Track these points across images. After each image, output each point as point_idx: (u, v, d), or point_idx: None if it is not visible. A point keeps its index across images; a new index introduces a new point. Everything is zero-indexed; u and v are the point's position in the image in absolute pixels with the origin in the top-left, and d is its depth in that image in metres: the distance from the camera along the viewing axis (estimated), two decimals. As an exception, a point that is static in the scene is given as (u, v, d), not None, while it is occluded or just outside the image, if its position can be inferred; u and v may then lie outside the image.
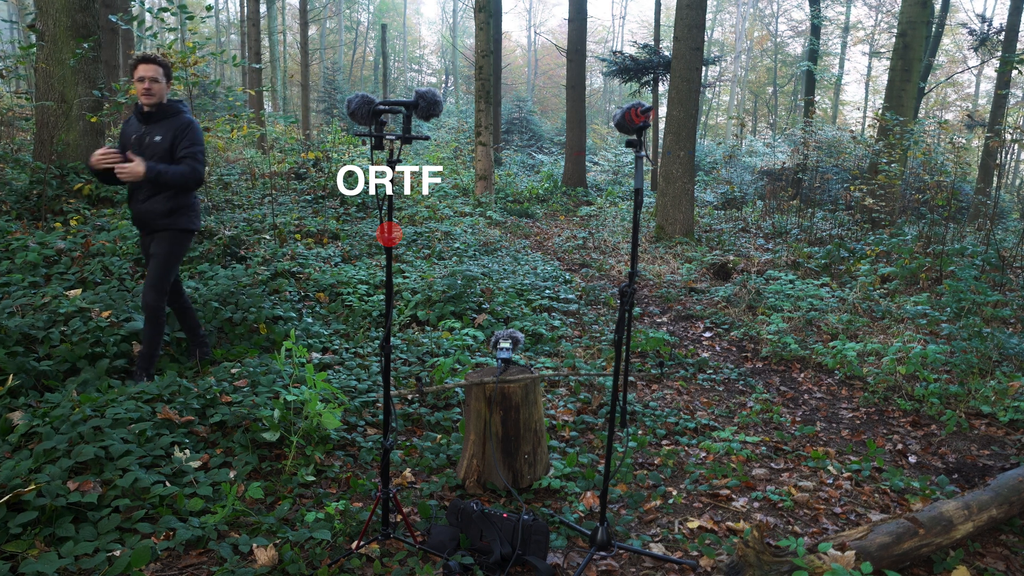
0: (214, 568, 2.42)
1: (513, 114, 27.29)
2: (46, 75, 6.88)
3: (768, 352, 5.42)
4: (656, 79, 16.79)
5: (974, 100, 35.97)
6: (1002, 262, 7.49)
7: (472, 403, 3.05)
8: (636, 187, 2.33)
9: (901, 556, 2.50)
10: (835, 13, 34.33)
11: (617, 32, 49.70)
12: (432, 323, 5.51)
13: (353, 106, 2.33)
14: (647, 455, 3.59)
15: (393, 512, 2.75)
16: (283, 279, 5.70)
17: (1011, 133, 12.74)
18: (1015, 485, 2.90)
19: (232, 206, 8.28)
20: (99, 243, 5.78)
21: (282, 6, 37.18)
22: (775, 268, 7.91)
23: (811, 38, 22.73)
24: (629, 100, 18.14)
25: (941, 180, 9.95)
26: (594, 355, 5.13)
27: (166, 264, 3.79)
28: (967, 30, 18.46)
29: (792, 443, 3.85)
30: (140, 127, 3.77)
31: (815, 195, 13.01)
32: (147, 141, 3.73)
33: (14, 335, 3.79)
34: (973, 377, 4.69)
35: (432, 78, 52.14)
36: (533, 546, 2.53)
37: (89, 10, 6.90)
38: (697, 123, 10.78)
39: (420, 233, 8.37)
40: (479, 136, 11.98)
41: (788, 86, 38.92)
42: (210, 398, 3.47)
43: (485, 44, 11.58)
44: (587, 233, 10.52)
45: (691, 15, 9.55)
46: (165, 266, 3.78)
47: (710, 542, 2.76)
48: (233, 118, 9.58)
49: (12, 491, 2.49)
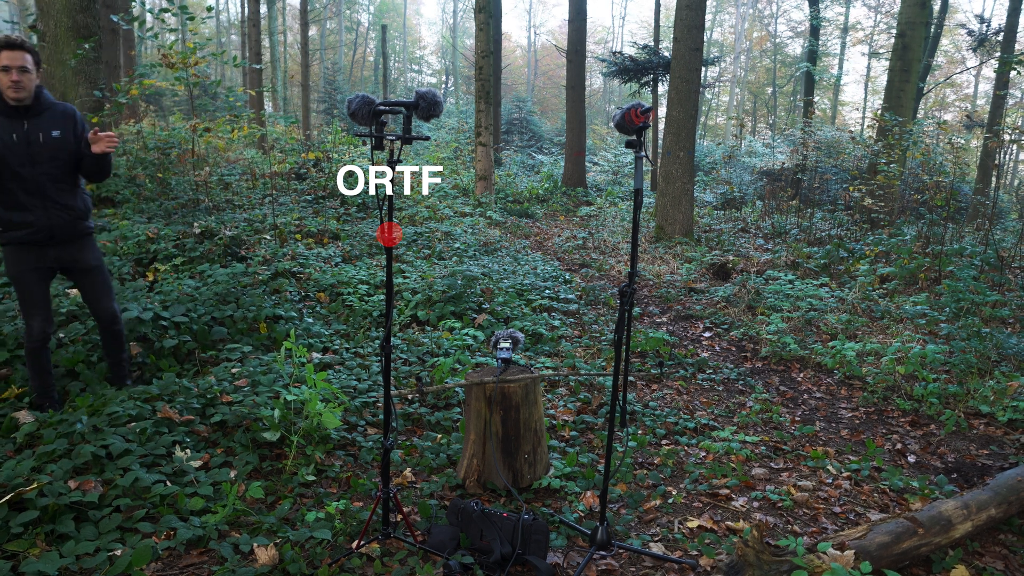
0: (215, 567, 2.43)
1: (513, 114, 27.29)
2: (47, 76, 6.89)
3: (767, 352, 5.42)
4: (656, 79, 16.81)
5: (973, 101, 36.00)
6: (1001, 262, 7.50)
7: (472, 403, 3.05)
8: (636, 187, 2.33)
9: (900, 555, 2.50)
10: (834, 14, 34.37)
11: (617, 32, 49.75)
12: (432, 323, 5.52)
13: (353, 106, 2.33)
14: (647, 455, 3.60)
15: (393, 512, 2.76)
16: (283, 279, 5.71)
17: (1009, 133, 12.75)
18: (1014, 485, 2.90)
19: (233, 206, 8.28)
20: (100, 243, 5.79)
21: (282, 7, 37.19)
22: (774, 268, 7.92)
23: (810, 39, 22.75)
24: (629, 100, 18.14)
25: (940, 180, 9.96)
26: (594, 355, 5.14)
27: (106, 269, 3.46)
28: (966, 31, 18.49)
29: (791, 443, 3.86)
30: (17, 125, 3.11)
31: (814, 195, 13.02)
32: (41, 139, 3.14)
33: (12, 338, 3.79)
34: (972, 377, 4.70)
35: (432, 78, 52.15)
36: (533, 546, 2.53)
37: (90, 11, 6.91)
38: (697, 123, 10.79)
39: (420, 233, 8.38)
40: (479, 136, 11.98)
41: (787, 86, 38.94)
42: (210, 398, 3.48)
43: (485, 45, 11.59)
44: (587, 233, 10.52)
45: (690, 16, 9.56)
46: (107, 271, 3.48)
47: (710, 542, 2.77)
48: (234, 118, 9.59)
49: (14, 490, 2.50)
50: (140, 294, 4.57)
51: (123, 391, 3.42)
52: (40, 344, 3.30)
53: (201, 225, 6.44)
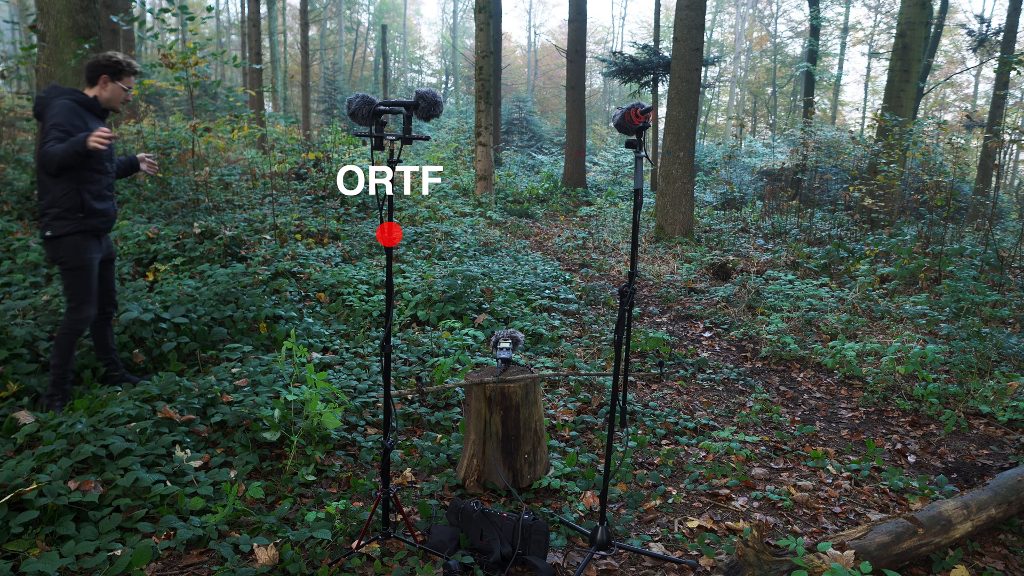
0: (215, 567, 2.43)
1: (513, 114, 27.29)
2: (47, 76, 6.89)
3: (767, 352, 5.42)
4: (656, 79, 16.81)
5: (973, 101, 36.00)
6: (1001, 262, 7.50)
7: (472, 403, 3.05)
8: (636, 187, 2.33)
9: (900, 555, 2.50)
10: (834, 14, 34.38)
11: (617, 32, 49.75)
12: (432, 323, 5.52)
13: (354, 106, 2.33)
14: (647, 455, 3.60)
15: (393, 512, 2.76)
16: (284, 279, 5.71)
17: (1009, 133, 12.75)
18: (1014, 485, 2.90)
19: (233, 206, 8.29)
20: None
21: (282, 7, 37.19)
22: (774, 268, 7.92)
23: (810, 39, 22.75)
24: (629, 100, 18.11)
25: (940, 180, 9.96)
26: (594, 355, 5.14)
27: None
28: (966, 31, 18.49)
29: (791, 443, 3.86)
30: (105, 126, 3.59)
31: (814, 195, 13.02)
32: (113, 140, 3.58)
33: (18, 340, 3.79)
34: (972, 377, 4.70)
35: (432, 78, 52.16)
36: (533, 546, 2.53)
37: (90, 11, 6.91)
38: (697, 123, 10.79)
39: (420, 233, 8.38)
40: (479, 136, 11.99)
41: (787, 86, 38.94)
42: (211, 398, 3.48)
43: (485, 45, 11.59)
44: (587, 233, 10.52)
45: (690, 16, 9.57)
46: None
47: (710, 541, 2.77)
48: (234, 118, 9.59)
49: (14, 490, 2.50)
50: (140, 294, 4.57)
51: (124, 390, 3.43)
52: (93, 324, 3.73)
53: (201, 225, 6.44)
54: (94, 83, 3.53)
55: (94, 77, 3.52)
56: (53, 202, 3.40)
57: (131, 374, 3.92)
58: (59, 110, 3.34)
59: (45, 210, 3.43)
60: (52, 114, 3.34)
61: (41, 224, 3.46)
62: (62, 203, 3.40)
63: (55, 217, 3.41)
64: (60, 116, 3.32)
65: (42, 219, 3.45)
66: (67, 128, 3.31)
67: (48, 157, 3.25)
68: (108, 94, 3.53)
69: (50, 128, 3.30)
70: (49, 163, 3.26)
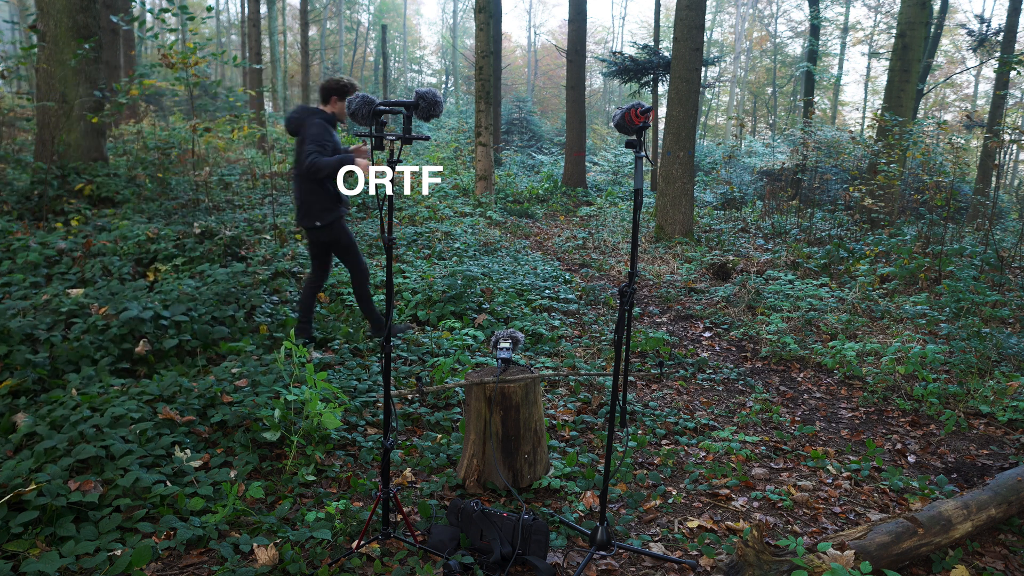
0: (215, 567, 2.43)
1: (513, 114, 27.28)
2: (47, 76, 6.89)
3: (767, 352, 5.42)
4: (656, 79, 16.80)
5: (973, 101, 36.00)
6: (1001, 262, 7.50)
7: (472, 403, 3.05)
8: (636, 187, 2.33)
9: (900, 555, 2.50)
10: (834, 14, 34.38)
11: (617, 33, 49.76)
12: (432, 323, 5.52)
13: (353, 106, 2.33)
14: (647, 455, 3.60)
15: (393, 512, 2.76)
16: (283, 279, 5.71)
17: (1009, 134, 12.74)
18: (1014, 485, 2.90)
19: (233, 206, 8.29)
20: (100, 243, 5.79)
21: (282, 7, 37.18)
22: (774, 268, 7.92)
23: (810, 39, 22.75)
24: (629, 100, 18.11)
25: (940, 180, 9.96)
26: (594, 355, 5.14)
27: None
28: (966, 31, 18.49)
29: (791, 443, 3.86)
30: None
31: (814, 195, 13.01)
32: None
33: (17, 336, 3.80)
34: (972, 377, 4.70)
35: (432, 78, 52.15)
36: (533, 546, 2.53)
37: (90, 11, 6.91)
38: (697, 123, 10.79)
39: (420, 233, 8.38)
40: (479, 136, 11.98)
41: (787, 86, 38.94)
42: (211, 398, 3.48)
43: (485, 45, 11.58)
44: (587, 233, 10.52)
45: (690, 16, 9.56)
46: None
47: (710, 541, 2.77)
48: (234, 118, 9.60)
49: (13, 491, 2.50)
50: (140, 294, 4.57)
51: (124, 389, 3.43)
52: (308, 286, 4.68)
53: (201, 225, 6.44)
54: (327, 102, 4.37)
55: (327, 97, 4.36)
56: (317, 199, 4.32)
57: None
58: (315, 128, 4.22)
59: (309, 206, 4.34)
60: (310, 132, 4.21)
61: (304, 218, 4.39)
62: (324, 200, 4.34)
63: (322, 209, 4.35)
64: (316, 133, 4.20)
65: (303, 214, 4.38)
66: (322, 143, 4.20)
67: (319, 166, 4.14)
68: (337, 110, 4.37)
69: (310, 142, 4.18)
70: (319, 171, 4.15)
